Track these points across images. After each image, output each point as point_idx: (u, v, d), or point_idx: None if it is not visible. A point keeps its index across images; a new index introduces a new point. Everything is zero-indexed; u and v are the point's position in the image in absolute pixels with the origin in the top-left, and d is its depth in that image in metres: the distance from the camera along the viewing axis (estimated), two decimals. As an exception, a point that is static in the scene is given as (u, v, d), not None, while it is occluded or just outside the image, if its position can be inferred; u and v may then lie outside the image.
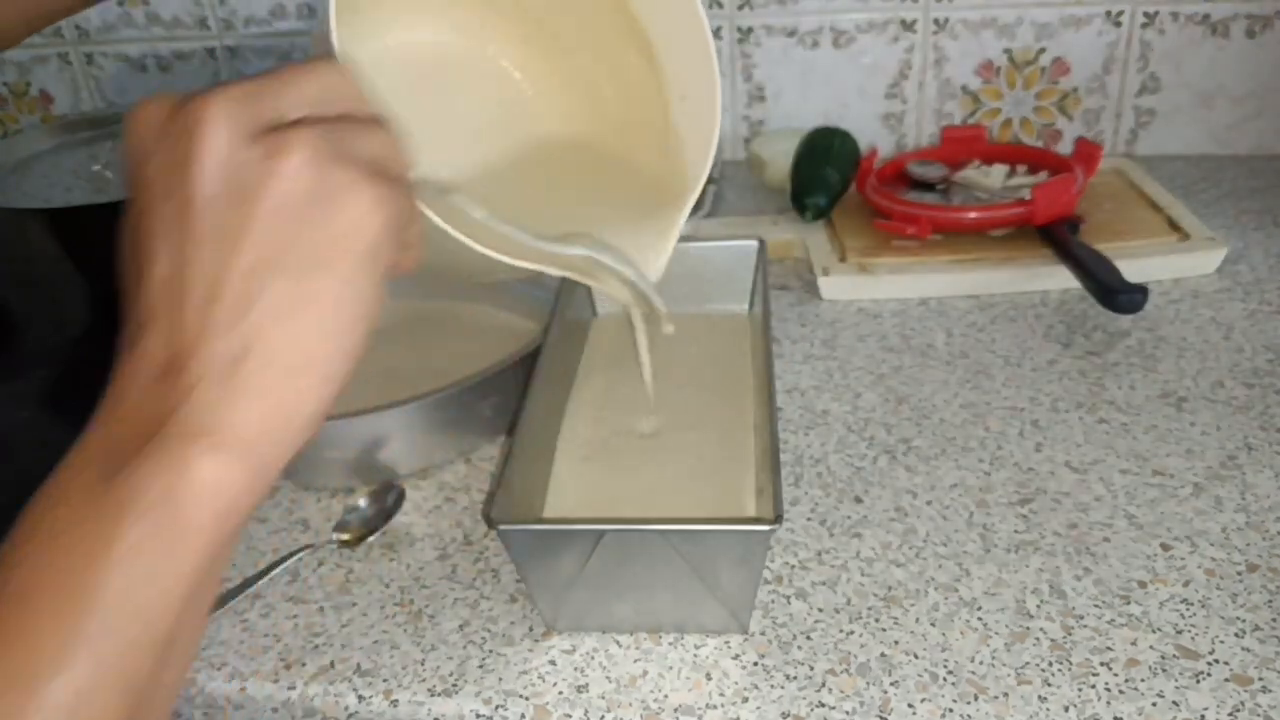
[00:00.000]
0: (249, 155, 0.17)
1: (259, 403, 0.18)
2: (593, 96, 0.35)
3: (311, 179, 0.18)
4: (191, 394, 0.17)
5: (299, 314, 0.18)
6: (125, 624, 0.17)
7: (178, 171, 0.18)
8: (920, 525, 0.33)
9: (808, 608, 0.30)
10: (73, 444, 0.19)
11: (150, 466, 0.17)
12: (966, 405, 0.39)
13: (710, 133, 0.30)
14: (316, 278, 0.18)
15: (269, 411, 0.18)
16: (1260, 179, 0.55)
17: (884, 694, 0.27)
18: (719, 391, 0.38)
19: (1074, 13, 0.56)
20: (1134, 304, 0.41)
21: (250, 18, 0.63)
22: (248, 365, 0.18)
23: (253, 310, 0.17)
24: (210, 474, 0.17)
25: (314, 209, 0.18)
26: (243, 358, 0.18)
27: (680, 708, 0.28)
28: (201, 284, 0.17)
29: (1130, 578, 0.31)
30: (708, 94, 0.30)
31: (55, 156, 0.54)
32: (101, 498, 0.17)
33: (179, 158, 0.17)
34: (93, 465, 0.18)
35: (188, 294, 0.18)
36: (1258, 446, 0.36)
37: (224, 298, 0.17)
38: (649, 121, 0.32)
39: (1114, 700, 0.27)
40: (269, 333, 0.18)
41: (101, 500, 0.17)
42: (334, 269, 0.18)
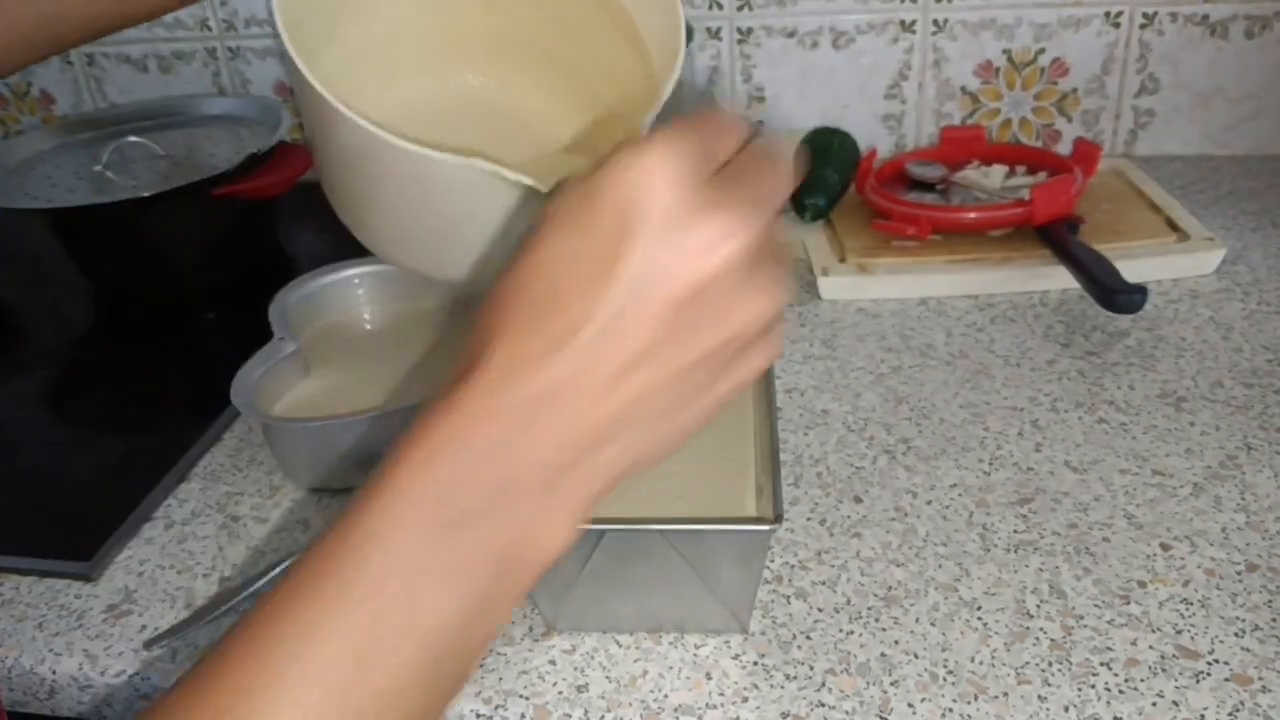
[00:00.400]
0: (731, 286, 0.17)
1: (607, 479, 0.18)
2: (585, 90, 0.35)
3: (764, 321, 0.18)
4: (562, 472, 0.17)
5: (670, 422, 0.18)
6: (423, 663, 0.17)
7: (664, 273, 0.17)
8: (920, 525, 0.33)
9: (808, 607, 0.30)
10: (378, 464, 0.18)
11: (501, 523, 0.17)
12: (966, 405, 0.39)
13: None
14: (702, 405, 0.18)
15: (609, 486, 0.18)
16: (1259, 179, 0.55)
17: (884, 694, 0.28)
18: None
19: (1073, 14, 0.56)
20: (1133, 304, 0.41)
21: (251, 18, 0.64)
22: (614, 449, 0.18)
23: (658, 406, 0.18)
24: (551, 539, 0.18)
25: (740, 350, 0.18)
26: (616, 440, 0.18)
27: (680, 707, 0.28)
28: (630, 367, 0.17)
29: (1130, 577, 0.31)
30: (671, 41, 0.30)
31: (57, 157, 0.54)
32: (443, 544, 0.17)
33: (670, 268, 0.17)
34: (430, 502, 0.17)
35: (588, 355, 0.17)
36: (1257, 446, 0.36)
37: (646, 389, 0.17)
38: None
39: (1114, 700, 0.27)
40: (652, 427, 0.18)
41: (441, 545, 0.17)
42: (715, 403, 0.18)
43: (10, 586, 0.34)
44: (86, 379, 0.48)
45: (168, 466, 0.39)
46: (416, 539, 0.17)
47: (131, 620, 0.32)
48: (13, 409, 0.46)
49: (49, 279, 0.56)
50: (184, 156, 0.53)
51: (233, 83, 0.66)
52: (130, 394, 0.45)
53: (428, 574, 0.17)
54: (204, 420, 0.41)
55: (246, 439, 0.41)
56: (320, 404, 0.39)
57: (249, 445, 0.41)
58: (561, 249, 0.18)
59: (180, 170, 0.51)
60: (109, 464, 0.40)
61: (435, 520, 0.17)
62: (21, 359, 0.51)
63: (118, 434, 0.43)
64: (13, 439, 0.43)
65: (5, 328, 0.54)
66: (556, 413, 0.17)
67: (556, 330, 0.17)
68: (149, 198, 0.47)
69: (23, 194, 0.50)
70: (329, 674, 0.16)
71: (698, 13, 0.59)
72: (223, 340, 0.49)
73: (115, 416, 0.44)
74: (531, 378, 0.17)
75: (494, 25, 0.35)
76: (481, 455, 0.17)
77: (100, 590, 0.34)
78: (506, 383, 0.17)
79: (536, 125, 0.36)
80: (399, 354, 0.42)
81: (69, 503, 0.38)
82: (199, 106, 0.58)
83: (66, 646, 0.32)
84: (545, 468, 0.17)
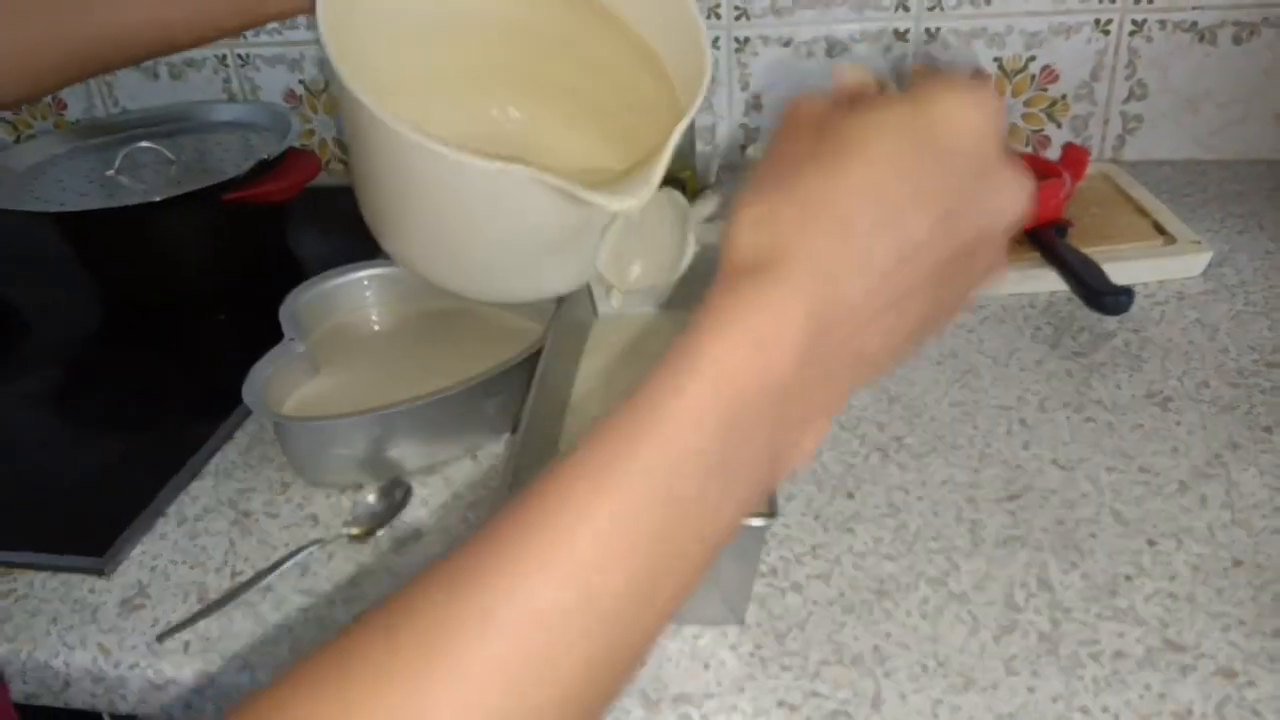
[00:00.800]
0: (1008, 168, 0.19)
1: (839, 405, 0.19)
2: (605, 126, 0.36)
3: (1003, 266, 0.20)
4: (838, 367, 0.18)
5: (905, 344, 0.19)
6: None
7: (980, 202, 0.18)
8: (911, 520, 0.34)
9: (802, 600, 0.31)
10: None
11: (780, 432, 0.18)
12: (956, 404, 0.40)
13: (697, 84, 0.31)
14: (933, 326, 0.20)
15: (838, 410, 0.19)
16: (1245, 183, 0.56)
17: (876, 684, 0.28)
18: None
19: (1063, 21, 0.57)
20: (1120, 306, 0.42)
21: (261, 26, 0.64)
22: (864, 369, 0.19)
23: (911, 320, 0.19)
24: (811, 438, 0.19)
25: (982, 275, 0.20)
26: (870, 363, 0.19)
27: (679, 696, 0.28)
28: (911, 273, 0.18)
29: (1117, 572, 0.31)
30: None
31: (69, 161, 0.55)
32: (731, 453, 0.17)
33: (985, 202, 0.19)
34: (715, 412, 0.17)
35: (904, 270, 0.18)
36: (1242, 445, 0.36)
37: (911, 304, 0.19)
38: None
39: (1101, 692, 0.27)
40: (889, 347, 0.19)
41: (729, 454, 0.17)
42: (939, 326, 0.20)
43: (25, 582, 0.35)
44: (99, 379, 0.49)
45: (180, 463, 0.39)
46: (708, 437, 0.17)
47: (145, 614, 0.33)
48: (28, 408, 0.46)
49: (61, 282, 0.57)
50: (194, 162, 0.53)
51: (243, 89, 0.67)
52: (142, 394, 0.46)
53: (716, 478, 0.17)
54: (215, 419, 0.42)
55: (257, 437, 0.42)
56: (329, 402, 0.39)
57: (260, 443, 0.41)
58: (896, 156, 0.18)
59: (190, 175, 0.52)
60: (122, 462, 0.41)
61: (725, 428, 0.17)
62: (35, 360, 0.51)
63: (130, 433, 0.43)
64: (27, 437, 0.44)
65: (19, 329, 0.55)
66: (854, 323, 0.18)
67: (890, 236, 0.18)
68: (160, 202, 0.48)
69: (34, 197, 0.51)
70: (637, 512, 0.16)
71: (696, 21, 0.60)
72: (232, 341, 0.50)
73: (128, 416, 0.45)
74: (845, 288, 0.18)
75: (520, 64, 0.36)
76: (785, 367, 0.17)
77: (114, 585, 0.35)
78: (814, 298, 0.17)
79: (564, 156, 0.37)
80: (406, 354, 0.42)
81: (83, 500, 0.39)
82: (209, 113, 0.59)
83: (80, 640, 0.32)
84: (830, 379, 0.18)
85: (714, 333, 0.18)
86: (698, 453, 0.17)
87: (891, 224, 0.18)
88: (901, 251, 0.18)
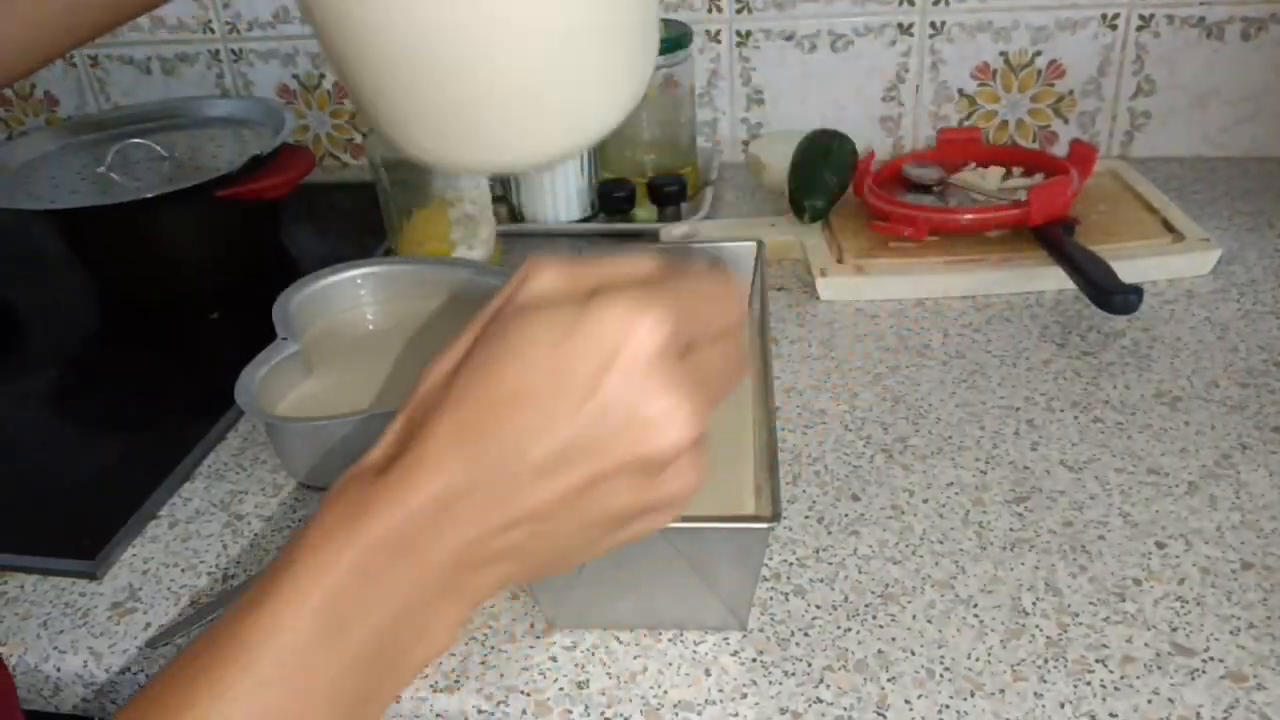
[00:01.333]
0: (670, 465, 0.18)
1: (497, 589, 0.19)
2: None
3: (684, 499, 0.19)
4: (465, 563, 0.18)
5: (573, 555, 0.19)
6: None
7: (586, 371, 0.17)
8: (917, 523, 0.34)
9: (805, 605, 0.31)
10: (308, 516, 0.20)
11: (394, 624, 0.18)
12: (962, 405, 0.39)
13: None
14: (603, 545, 0.19)
15: (494, 594, 0.19)
16: (1255, 180, 0.56)
17: (881, 690, 0.28)
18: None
19: (1070, 16, 0.56)
20: (1129, 305, 0.42)
21: (254, 21, 0.64)
22: (507, 565, 0.19)
23: (556, 538, 0.18)
24: (437, 639, 0.19)
25: (652, 512, 0.19)
26: (512, 560, 0.18)
27: (680, 704, 0.28)
28: (537, 489, 0.18)
29: (1125, 575, 0.31)
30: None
31: (61, 158, 0.54)
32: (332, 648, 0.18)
33: (594, 358, 0.17)
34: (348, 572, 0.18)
35: (524, 481, 0.17)
36: (1252, 446, 0.36)
37: (546, 521, 0.18)
38: None
39: (1109, 697, 0.27)
40: (542, 556, 0.19)
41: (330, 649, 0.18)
42: (613, 545, 0.19)
43: (15, 585, 0.35)
44: (90, 379, 0.48)
45: (172, 465, 0.39)
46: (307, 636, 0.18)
47: (136, 617, 0.33)
48: (17, 408, 0.46)
49: (52, 280, 0.56)
50: (187, 158, 0.53)
51: (236, 85, 0.66)
52: (134, 394, 0.46)
53: (314, 676, 0.18)
54: (207, 420, 0.41)
55: (250, 438, 0.41)
56: (323, 403, 0.39)
57: (252, 444, 0.41)
58: (531, 357, 0.18)
59: (183, 172, 0.51)
60: (113, 463, 0.41)
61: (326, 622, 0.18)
62: (25, 359, 0.51)
63: (122, 433, 0.43)
64: (18, 438, 0.43)
65: (9, 328, 0.54)
66: (476, 516, 0.18)
67: (506, 437, 0.17)
68: (152, 199, 0.47)
69: (26, 195, 0.50)
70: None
71: (697, 15, 0.59)
72: (226, 340, 0.49)
73: (119, 416, 0.44)
74: (460, 476, 0.18)
75: None
76: (396, 550, 0.18)
77: (105, 588, 0.34)
78: (436, 473, 0.18)
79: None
80: (400, 353, 0.42)
81: (74, 501, 0.39)
82: (202, 108, 0.59)
83: (71, 644, 0.32)
84: (447, 570, 0.18)
85: (327, 534, 0.18)
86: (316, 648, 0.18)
87: (528, 439, 0.18)
88: (551, 455, 0.18)
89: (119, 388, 0.46)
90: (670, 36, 0.53)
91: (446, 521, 0.18)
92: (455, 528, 0.18)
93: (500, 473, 0.18)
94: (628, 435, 0.17)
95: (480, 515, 0.18)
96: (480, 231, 0.50)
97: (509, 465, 0.18)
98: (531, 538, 0.18)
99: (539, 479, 0.18)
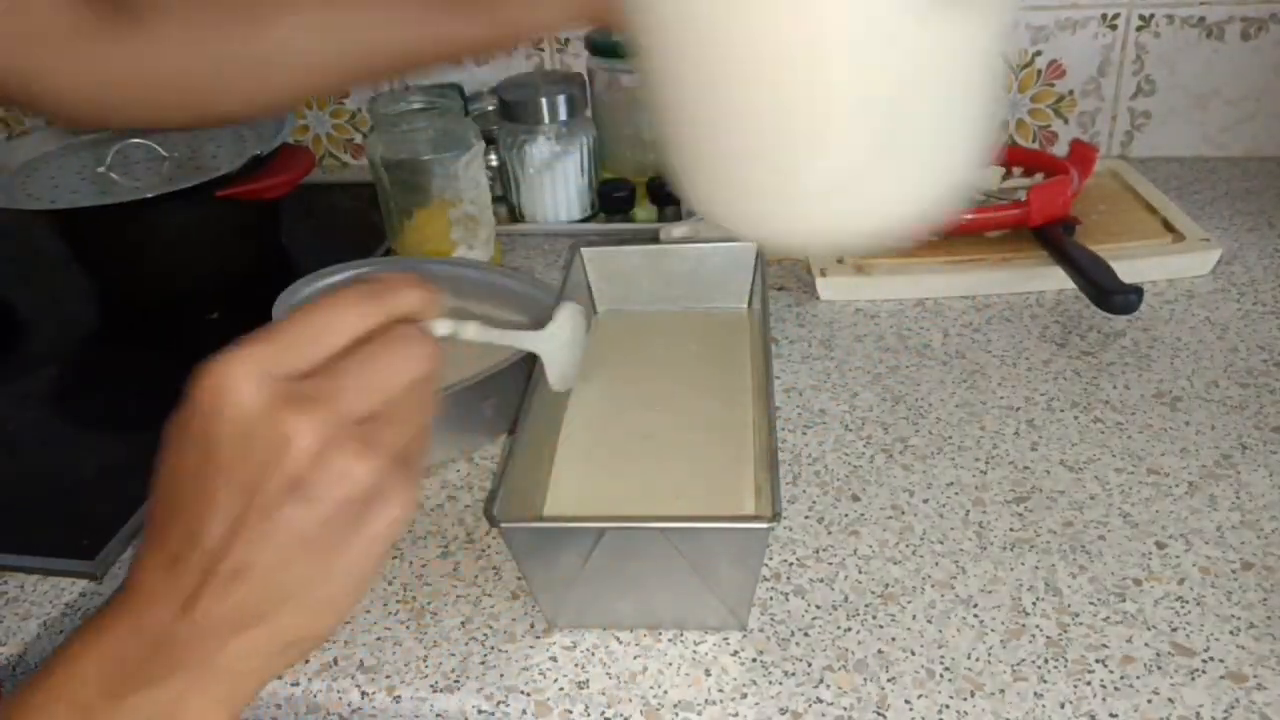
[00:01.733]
0: (328, 479, 0.18)
1: (256, 666, 0.19)
2: None
3: (364, 487, 0.18)
4: (204, 651, 0.19)
5: (312, 595, 0.19)
6: None
7: (254, 478, 0.18)
8: (917, 523, 0.34)
9: (805, 605, 0.31)
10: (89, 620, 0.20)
11: (155, 705, 0.19)
12: (962, 404, 0.39)
13: None
14: (341, 573, 0.19)
15: (260, 673, 0.20)
16: (1255, 180, 0.56)
17: (881, 690, 0.28)
18: (718, 391, 0.38)
19: (1070, 16, 0.56)
20: (1129, 304, 0.42)
21: (253, 21, 0.64)
22: (258, 635, 0.19)
23: (278, 593, 0.19)
24: (198, 715, 0.19)
25: (356, 519, 0.19)
26: (255, 628, 0.19)
27: (680, 703, 0.28)
28: (241, 563, 0.18)
29: (1125, 575, 0.31)
30: None
31: (61, 158, 0.54)
32: (101, 716, 0.19)
33: (260, 467, 0.18)
34: (100, 677, 0.19)
35: (227, 569, 0.18)
36: (1252, 446, 0.36)
37: (256, 580, 0.18)
38: None
39: (1109, 697, 0.27)
40: (284, 611, 0.19)
41: (99, 717, 0.19)
42: (359, 567, 0.19)
43: (15, 585, 0.35)
44: (90, 379, 0.48)
45: (171, 466, 0.39)
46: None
47: (136, 618, 0.33)
48: (17, 409, 0.46)
49: (52, 279, 0.56)
50: (187, 158, 0.53)
51: (235, 85, 0.66)
52: (134, 394, 0.46)
53: None
54: (207, 420, 0.41)
55: (249, 438, 0.41)
56: (323, 404, 0.39)
57: (252, 445, 0.41)
58: (173, 466, 0.19)
59: (183, 171, 0.51)
60: (113, 463, 0.40)
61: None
62: (25, 359, 0.51)
63: (122, 433, 0.43)
64: (18, 438, 0.43)
65: (9, 328, 0.54)
66: (191, 618, 0.19)
67: (175, 547, 0.19)
68: (152, 199, 0.47)
69: (26, 195, 0.50)
70: None
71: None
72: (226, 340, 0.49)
73: (119, 416, 0.44)
74: (161, 598, 0.19)
75: None
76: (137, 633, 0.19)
77: (105, 589, 0.34)
78: (147, 604, 0.19)
79: None
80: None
81: (74, 502, 0.39)
82: (201, 108, 0.59)
83: (71, 644, 0.32)
84: (180, 631, 0.19)
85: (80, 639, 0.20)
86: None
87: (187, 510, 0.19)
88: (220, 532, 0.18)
89: (119, 388, 0.46)
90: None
91: (142, 604, 0.19)
92: (152, 608, 0.19)
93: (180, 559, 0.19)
94: (255, 463, 0.18)
95: (171, 588, 0.19)
96: (480, 231, 0.50)
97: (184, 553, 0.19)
98: (247, 587, 0.19)
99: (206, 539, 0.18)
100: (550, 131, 0.53)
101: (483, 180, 0.49)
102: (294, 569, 0.19)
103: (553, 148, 0.54)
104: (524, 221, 0.56)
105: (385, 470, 0.19)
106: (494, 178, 0.55)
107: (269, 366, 0.19)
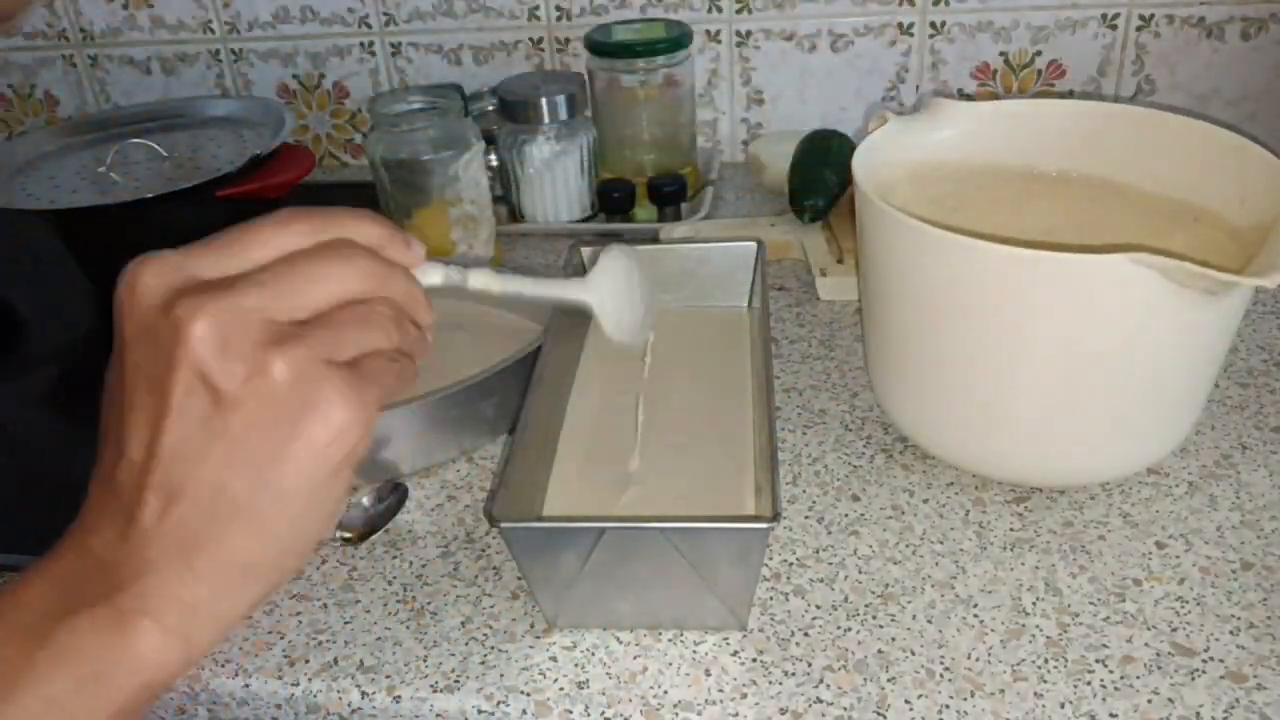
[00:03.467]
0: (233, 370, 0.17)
1: (208, 594, 0.18)
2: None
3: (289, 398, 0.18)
4: (148, 572, 0.18)
5: (260, 514, 0.18)
6: None
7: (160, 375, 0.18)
8: (917, 523, 0.34)
9: (806, 605, 0.31)
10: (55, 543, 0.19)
11: (95, 625, 0.18)
12: (963, 405, 0.39)
13: None
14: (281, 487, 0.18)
15: (214, 603, 0.19)
16: (1255, 181, 0.56)
17: (881, 690, 0.28)
18: (718, 391, 0.38)
19: (1070, 16, 0.56)
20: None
21: (254, 21, 0.64)
22: (203, 558, 0.18)
23: (217, 509, 0.18)
24: (149, 649, 0.18)
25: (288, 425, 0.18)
26: (200, 549, 0.18)
27: (680, 703, 0.28)
28: (170, 476, 0.18)
29: (1125, 575, 0.31)
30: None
31: (60, 158, 0.54)
32: (40, 638, 0.18)
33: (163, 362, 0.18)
34: (43, 600, 0.18)
35: (156, 483, 0.18)
36: (1252, 446, 0.36)
37: (190, 495, 0.18)
38: None
39: (1109, 697, 0.27)
40: (228, 531, 0.18)
41: (39, 639, 0.18)
42: (301, 482, 0.18)
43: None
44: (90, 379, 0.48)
45: (171, 466, 0.39)
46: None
47: (136, 618, 0.33)
48: (16, 408, 0.46)
49: (52, 279, 0.56)
50: (187, 158, 0.53)
51: (235, 85, 0.66)
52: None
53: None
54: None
55: (249, 438, 0.41)
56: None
57: (252, 444, 0.41)
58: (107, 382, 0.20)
59: (183, 171, 0.51)
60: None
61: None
62: (25, 359, 0.51)
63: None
64: (16, 438, 0.43)
65: (9, 328, 0.54)
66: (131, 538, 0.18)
67: (110, 464, 0.19)
68: (152, 199, 0.47)
69: (26, 195, 0.50)
70: None
71: (697, 15, 0.59)
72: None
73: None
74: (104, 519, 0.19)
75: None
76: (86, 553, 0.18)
77: (104, 588, 0.34)
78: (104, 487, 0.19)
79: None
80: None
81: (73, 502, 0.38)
82: (202, 108, 0.59)
83: (71, 644, 0.32)
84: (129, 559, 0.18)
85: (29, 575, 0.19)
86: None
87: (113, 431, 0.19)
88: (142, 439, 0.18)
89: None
90: (670, 36, 0.54)
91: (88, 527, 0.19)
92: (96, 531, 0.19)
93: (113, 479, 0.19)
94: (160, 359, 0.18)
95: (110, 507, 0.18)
96: (480, 231, 0.50)
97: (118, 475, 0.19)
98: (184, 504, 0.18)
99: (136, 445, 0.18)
100: (550, 131, 0.53)
101: (483, 180, 0.49)
102: (228, 480, 0.18)
103: (552, 148, 0.54)
104: (524, 221, 0.56)
105: (314, 371, 0.18)
106: (494, 178, 0.55)
107: (178, 266, 0.18)
